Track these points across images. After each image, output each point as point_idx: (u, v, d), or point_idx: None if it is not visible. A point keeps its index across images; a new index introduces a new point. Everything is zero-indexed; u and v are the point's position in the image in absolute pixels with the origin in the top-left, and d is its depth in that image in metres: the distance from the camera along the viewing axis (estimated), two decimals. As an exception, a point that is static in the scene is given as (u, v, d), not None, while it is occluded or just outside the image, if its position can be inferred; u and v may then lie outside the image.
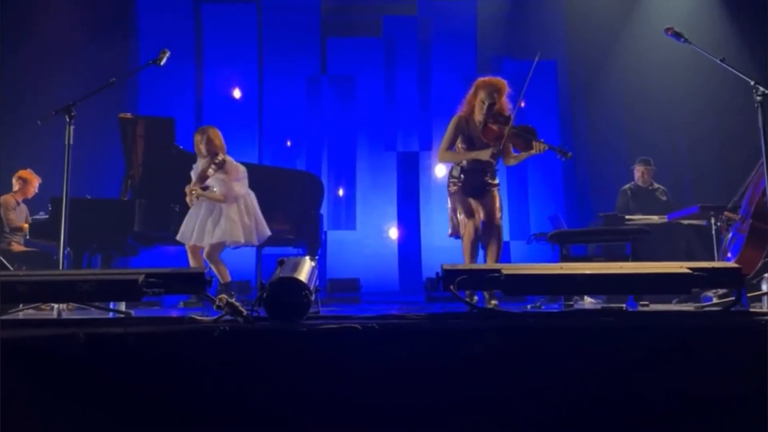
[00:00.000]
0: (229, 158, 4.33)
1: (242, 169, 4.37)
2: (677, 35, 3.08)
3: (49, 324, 1.95)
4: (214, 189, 4.25)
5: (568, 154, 3.44)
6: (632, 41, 6.75)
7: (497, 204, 3.62)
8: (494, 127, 3.53)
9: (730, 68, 2.87)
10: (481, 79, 3.63)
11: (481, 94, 3.51)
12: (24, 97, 6.00)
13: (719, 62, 2.91)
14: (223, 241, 4.21)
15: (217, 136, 4.34)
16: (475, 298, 3.20)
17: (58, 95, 5.06)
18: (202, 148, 4.28)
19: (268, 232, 4.40)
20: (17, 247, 5.17)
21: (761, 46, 5.68)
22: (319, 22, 7.33)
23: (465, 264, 3.42)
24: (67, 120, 2.92)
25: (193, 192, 4.21)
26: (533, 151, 3.49)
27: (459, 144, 3.65)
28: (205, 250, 4.22)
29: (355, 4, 7.36)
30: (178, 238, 4.27)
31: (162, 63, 3.18)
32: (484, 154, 3.54)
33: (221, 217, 4.19)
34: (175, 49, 3.66)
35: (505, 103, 3.60)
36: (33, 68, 6.18)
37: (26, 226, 5.00)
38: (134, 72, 4.12)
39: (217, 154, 4.25)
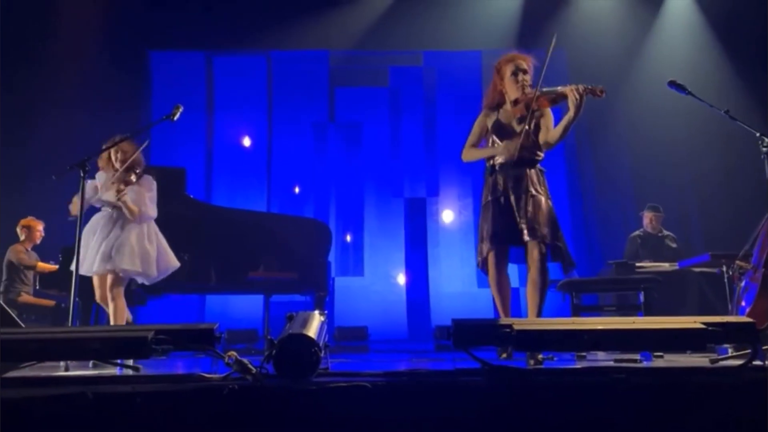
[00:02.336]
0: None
1: (155, 185, 3.81)
2: (680, 87, 3.13)
3: (56, 382, 1.94)
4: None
5: (599, 87, 2.89)
6: (635, 89, 6.84)
7: (543, 217, 2.95)
8: (523, 98, 3.04)
9: (734, 120, 2.91)
10: (500, 58, 3.21)
11: (510, 68, 3.10)
12: (31, 144, 6.12)
13: (724, 114, 2.94)
14: (114, 269, 3.52)
15: (136, 148, 3.71)
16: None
17: (70, 147, 5.18)
18: (118, 160, 3.64)
19: (173, 265, 3.77)
20: (26, 297, 5.19)
21: (764, 92, 5.75)
22: (328, 72, 7.51)
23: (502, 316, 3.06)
24: (81, 175, 2.98)
25: (120, 192, 3.52)
26: (569, 96, 2.90)
27: (492, 138, 3.12)
28: (113, 281, 3.55)
29: (362, 56, 7.55)
30: (83, 272, 3.45)
31: (175, 118, 3.25)
32: (501, 150, 3.00)
33: (118, 240, 3.54)
34: (186, 99, 3.76)
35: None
36: (45, 119, 6.30)
37: (41, 264, 5.06)
38: (148, 127, 4.19)
39: (134, 167, 3.67)
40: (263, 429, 1.75)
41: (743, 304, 3.61)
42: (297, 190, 7.37)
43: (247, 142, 7.40)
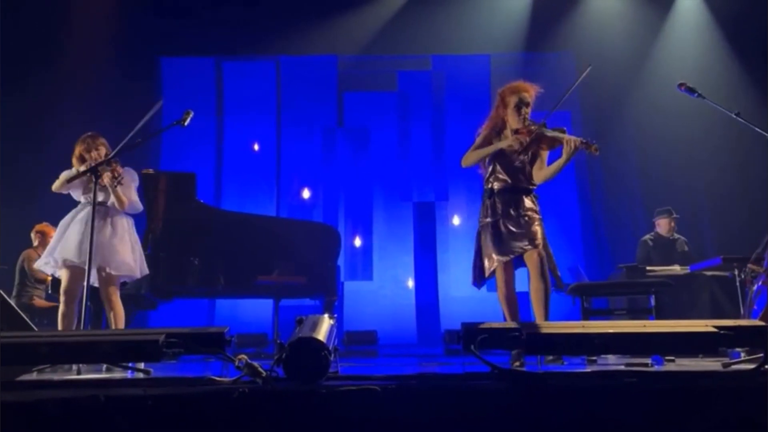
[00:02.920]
0: None
1: (137, 176, 3.79)
2: (690, 90, 3.11)
3: (68, 385, 1.96)
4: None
5: (594, 145, 3.09)
6: (644, 90, 6.81)
7: (538, 233, 3.14)
8: (523, 129, 3.18)
9: (745, 122, 2.89)
10: (505, 87, 3.35)
11: (514, 99, 3.26)
12: (44, 152, 6.17)
13: (734, 116, 2.93)
14: (107, 268, 3.47)
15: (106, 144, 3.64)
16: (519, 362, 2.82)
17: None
18: (100, 152, 3.58)
19: (145, 270, 3.74)
20: (39, 302, 5.24)
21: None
22: (336, 77, 7.53)
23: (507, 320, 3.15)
24: (93, 180, 3.00)
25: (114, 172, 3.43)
26: (564, 146, 3.09)
27: (493, 162, 3.29)
28: (107, 281, 3.49)
29: (370, 60, 7.57)
30: (62, 257, 3.37)
31: (186, 124, 3.27)
32: (507, 143, 3.17)
33: (113, 239, 3.48)
34: (196, 104, 3.79)
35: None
36: (53, 121, 6.33)
37: (49, 278, 5.08)
38: (159, 132, 4.22)
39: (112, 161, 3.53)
40: (274, 431, 1.75)
41: (755, 307, 3.57)
42: (306, 194, 7.39)
43: (256, 146, 7.43)
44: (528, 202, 3.21)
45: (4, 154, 6.04)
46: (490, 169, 3.28)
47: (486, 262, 3.24)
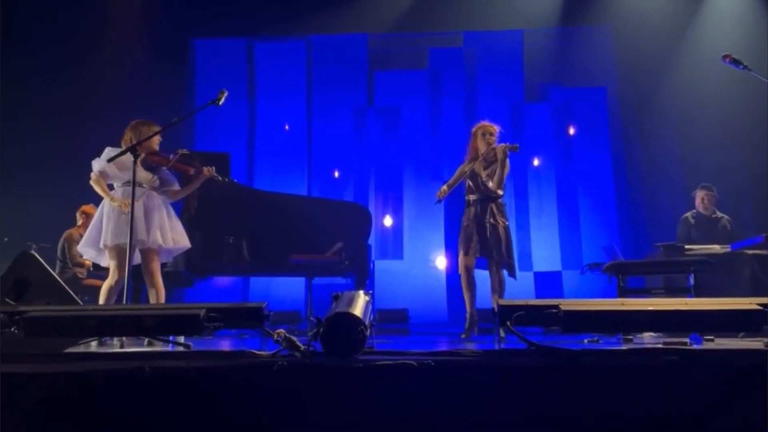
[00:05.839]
0: None
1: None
2: (736, 62, 3.00)
3: (115, 357, 2.03)
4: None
5: (514, 145, 4.05)
6: (685, 65, 6.59)
7: (500, 242, 4.01)
8: (485, 151, 4.13)
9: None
10: (474, 127, 4.30)
11: (480, 131, 4.20)
12: (83, 134, 6.32)
13: (781, 88, 2.81)
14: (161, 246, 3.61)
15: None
16: None
17: (116, 131, 5.34)
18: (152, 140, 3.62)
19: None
20: (87, 280, 5.41)
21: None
22: (367, 56, 7.48)
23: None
24: (133, 159, 3.06)
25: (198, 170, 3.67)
26: (497, 154, 4.04)
27: (467, 182, 4.22)
28: (154, 258, 3.60)
29: (401, 38, 7.49)
30: (140, 239, 3.45)
31: (220, 103, 3.30)
32: (468, 166, 4.13)
33: (168, 220, 3.62)
34: (229, 85, 3.82)
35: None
36: (91, 105, 6.48)
37: (88, 262, 5.21)
38: (195, 112, 4.27)
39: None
40: (312, 404, 1.79)
41: (800, 287, 3.47)
42: (337, 174, 7.41)
43: (287, 126, 7.47)
44: (494, 209, 4.10)
45: (48, 137, 6.21)
46: (467, 185, 4.23)
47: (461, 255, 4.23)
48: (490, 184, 4.11)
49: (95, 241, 3.53)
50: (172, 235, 3.61)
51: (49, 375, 1.76)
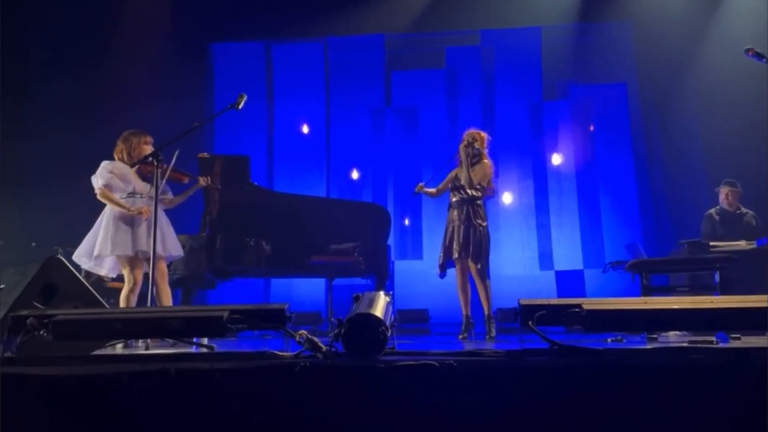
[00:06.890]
0: None
1: None
2: (759, 56, 2.95)
3: (140, 359, 2.06)
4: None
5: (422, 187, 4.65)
6: (706, 60, 6.48)
7: (477, 241, 4.35)
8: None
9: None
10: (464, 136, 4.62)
11: (465, 141, 4.60)
12: (106, 137, 6.41)
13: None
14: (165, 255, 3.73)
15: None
16: None
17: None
18: (144, 150, 3.73)
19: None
20: (111, 283, 5.49)
21: None
22: (384, 56, 7.49)
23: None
24: (155, 164, 3.11)
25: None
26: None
27: (451, 185, 4.60)
28: (161, 268, 3.68)
29: (418, 38, 7.48)
30: (137, 249, 3.58)
31: (240, 107, 3.33)
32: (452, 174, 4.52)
33: (167, 228, 3.77)
34: (247, 88, 3.86)
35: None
36: (113, 107, 6.54)
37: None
38: (214, 117, 4.33)
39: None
40: (335, 405, 1.80)
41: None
42: (355, 175, 7.43)
43: (305, 129, 7.51)
44: (471, 210, 4.47)
45: (71, 141, 6.31)
46: (450, 188, 4.64)
47: (442, 255, 4.73)
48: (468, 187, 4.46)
49: (89, 251, 3.63)
50: (169, 243, 3.72)
51: (77, 377, 1.80)
